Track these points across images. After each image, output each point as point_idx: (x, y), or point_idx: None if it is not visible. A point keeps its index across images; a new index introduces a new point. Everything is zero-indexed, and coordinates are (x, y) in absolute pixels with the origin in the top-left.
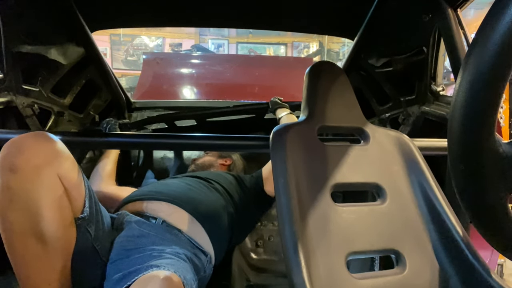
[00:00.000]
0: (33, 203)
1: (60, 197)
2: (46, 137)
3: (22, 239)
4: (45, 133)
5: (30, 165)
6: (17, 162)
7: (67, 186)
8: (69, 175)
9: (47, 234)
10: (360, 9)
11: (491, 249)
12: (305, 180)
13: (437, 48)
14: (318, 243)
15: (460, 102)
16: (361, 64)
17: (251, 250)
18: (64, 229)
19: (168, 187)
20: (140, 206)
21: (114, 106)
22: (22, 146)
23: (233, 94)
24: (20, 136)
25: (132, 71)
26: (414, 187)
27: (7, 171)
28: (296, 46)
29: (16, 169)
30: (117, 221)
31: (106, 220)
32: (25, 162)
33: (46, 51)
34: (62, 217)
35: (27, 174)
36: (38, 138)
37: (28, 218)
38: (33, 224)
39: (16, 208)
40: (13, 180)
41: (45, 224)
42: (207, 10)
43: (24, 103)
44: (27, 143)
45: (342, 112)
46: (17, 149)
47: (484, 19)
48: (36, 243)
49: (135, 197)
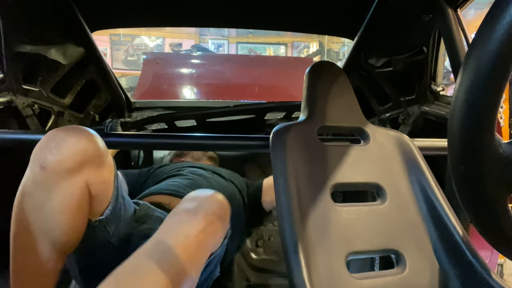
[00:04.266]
0: (50, 203)
1: (80, 204)
2: (90, 138)
3: (26, 231)
4: (91, 133)
5: (62, 168)
6: (51, 161)
7: (93, 192)
8: (99, 182)
9: (52, 234)
10: (360, 9)
11: (491, 249)
12: (305, 180)
13: (437, 48)
14: (318, 243)
15: (460, 102)
16: (361, 64)
17: (251, 250)
18: (71, 233)
19: (190, 183)
20: (160, 199)
21: (114, 106)
22: (62, 144)
23: (233, 94)
24: (65, 130)
25: (132, 71)
26: (414, 187)
27: (38, 165)
28: (296, 46)
29: (47, 167)
30: (139, 212)
31: (129, 213)
32: (58, 163)
33: (46, 51)
34: (73, 222)
35: (56, 176)
36: (81, 138)
37: (38, 214)
38: (41, 222)
39: (32, 202)
40: (40, 176)
41: (53, 225)
42: (207, 10)
43: (24, 103)
44: (69, 142)
45: (342, 112)
46: (56, 146)
47: (484, 19)
48: (36, 236)
49: (157, 191)
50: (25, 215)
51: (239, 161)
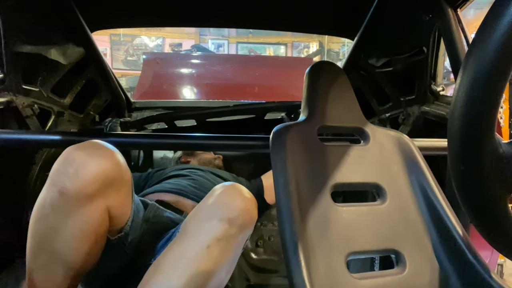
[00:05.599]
0: (67, 228)
1: (99, 229)
2: (111, 158)
3: (42, 252)
4: (111, 151)
5: (82, 194)
6: (70, 187)
7: (114, 214)
8: (119, 203)
9: (65, 257)
10: (360, 9)
11: (491, 249)
12: (305, 180)
13: (437, 48)
14: (318, 243)
15: (460, 102)
16: (361, 64)
17: (251, 250)
18: (89, 258)
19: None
20: (167, 198)
21: (114, 106)
22: (82, 170)
23: (233, 94)
24: (84, 150)
25: (132, 71)
26: (414, 187)
27: (55, 190)
28: (296, 46)
29: (65, 193)
30: (148, 213)
31: (140, 216)
32: (77, 191)
33: (46, 51)
34: (92, 247)
35: (75, 202)
36: (102, 160)
37: (55, 238)
38: (58, 246)
39: (49, 225)
40: (59, 202)
41: (71, 251)
42: (207, 10)
43: (24, 103)
44: (89, 167)
45: (342, 112)
46: (75, 172)
47: (484, 19)
48: (51, 259)
49: (163, 189)
50: (41, 237)
51: (239, 161)
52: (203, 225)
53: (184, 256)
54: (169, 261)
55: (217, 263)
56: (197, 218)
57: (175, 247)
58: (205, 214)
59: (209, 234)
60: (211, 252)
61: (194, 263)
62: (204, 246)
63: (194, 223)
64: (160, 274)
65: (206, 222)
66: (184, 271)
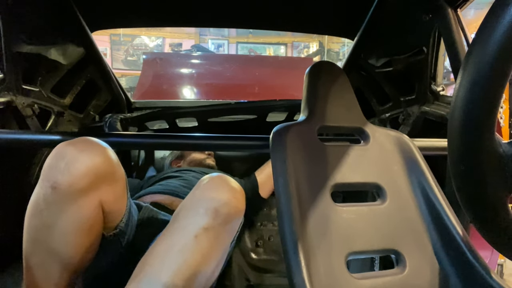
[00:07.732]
0: (61, 224)
1: (93, 224)
2: (102, 154)
3: (37, 250)
4: (102, 147)
5: (74, 189)
6: (62, 182)
7: (108, 209)
8: (113, 199)
9: (61, 252)
10: (360, 9)
11: (491, 249)
12: (305, 180)
13: (437, 48)
14: (318, 243)
15: (460, 102)
16: (361, 64)
17: (251, 250)
18: (85, 254)
19: (185, 182)
20: (161, 199)
21: (114, 106)
22: (73, 164)
23: (233, 94)
24: (75, 145)
25: (132, 71)
26: (414, 187)
27: (48, 185)
28: (296, 46)
29: (58, 188)
30: (142, 215)
31: (135, 218)
32: (69, 185)
33: (46, 51)
34: (87, 243)
35: (68, 197)
36: (93, 155)
37: (49, 234)
38: (53, 242)
39: (43, 221)
40: (52, 197)
41: (65, 247)
42: (207, 10)
43: (24, 103)
44: (80, 161)
45: (342, 112)
46: (66, 166)
47: (484, 19)
48: (47, 256)
49: (156, 190)
50: (36, 234)
51: (237, 161)
52: (190, 217)
53: (172, 249)
54: (158, 253)
55: (205, 254)
56: (184, 210)
57: (163, 239)
58: (192, 206)
59: (196, 225)
60: (199, 243)
61: (182, 254)
62: (191, 236)
63: (181, 215)
64: (149, 267)
65: (193, 213)
66: (172, 263)
